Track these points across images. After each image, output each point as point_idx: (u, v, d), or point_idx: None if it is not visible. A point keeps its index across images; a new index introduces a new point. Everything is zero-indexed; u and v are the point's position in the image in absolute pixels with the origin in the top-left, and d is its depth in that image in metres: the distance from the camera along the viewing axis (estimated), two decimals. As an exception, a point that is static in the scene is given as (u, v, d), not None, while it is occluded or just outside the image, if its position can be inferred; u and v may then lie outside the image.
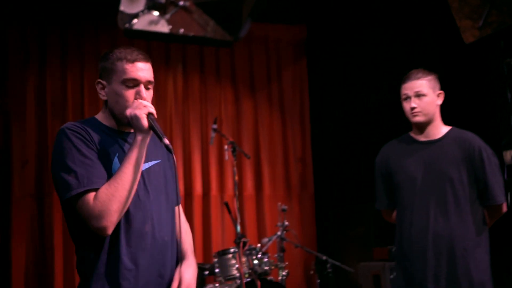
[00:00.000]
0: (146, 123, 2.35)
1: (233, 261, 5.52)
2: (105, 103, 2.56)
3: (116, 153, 2.44)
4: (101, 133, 2.46)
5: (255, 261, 5.48)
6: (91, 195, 2.31)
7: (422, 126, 3.56)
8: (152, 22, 5.31)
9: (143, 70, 2.46)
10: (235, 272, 5.48)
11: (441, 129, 3.56)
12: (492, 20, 4.36)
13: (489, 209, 3.50)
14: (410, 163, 3.54)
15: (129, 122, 2.42)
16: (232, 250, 5.55)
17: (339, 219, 7.23)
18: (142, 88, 2.45)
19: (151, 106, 2.40)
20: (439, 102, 3.57)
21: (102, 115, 2.57)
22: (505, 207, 3.53)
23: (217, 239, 6.86)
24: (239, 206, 5.72)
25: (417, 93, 3.50)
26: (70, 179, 2.32)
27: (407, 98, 3.55)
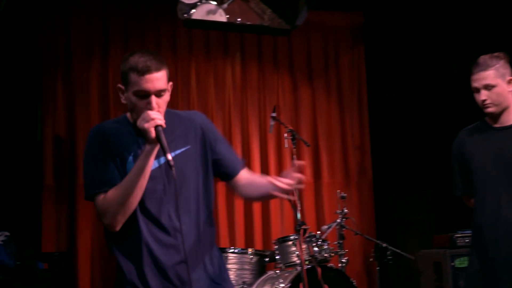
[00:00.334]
0: (153, 135, 2.46)
1: (293, 248, 5.57)
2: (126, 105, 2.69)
3: (132, 152, 2.59)
4: (125, 132, 2.63)
5: (315, 248, 5.51)
6: (101, 196, 2.55)
7: (496, 115, 3.51)
8: (210, 12, 5.40)
9: (153, 81, 2.51)
10: (295, 259, 5.53)
11: None
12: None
13: None
14: (483, 149, 3.50)
15: None
16: (292, 237, 5.59)
17: (399, 206, 7.20)
18: (153, 98, 2.51)
19: (159, 118, 2.48)
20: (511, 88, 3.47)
21: (130, 114, 2.71)
22: None
23: (276, 226, 6.90)
24: (298, 194, 5.75)
25: (486, 85, 3.41)
26: (86, 181, 2.62)
27: (476, 90, 3.48)
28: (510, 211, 3.35)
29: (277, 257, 5.65)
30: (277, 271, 5.55)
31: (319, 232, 5.69)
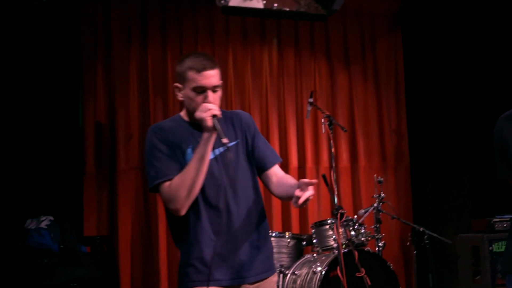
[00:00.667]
0: (210, 123, 2.72)
1: (330, 232, 5.61)
2: (182, 102, 2.93)
3: (190, 144, 2.85)
4: (180, 128, 2.90)
5: (352, 232, 5.55)
6: (166, 184, 2.80)
7: None
8: (247, -2, 5.44)
9: (209, 77, 2.82)
10: (332, 243, 5.57)
11: None
12: None
13: None
14: None
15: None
16: (329, 221, 5.63)
17: (436, 191, 7.18)
18: (209, 93, 2.82)
19: (215, 109, 2.76)
20: None
21: (183, 112, 2.98)
22: None
23: (313, 211, 6.96)
24: (335, 178, 5.79)
25: None
26: (151, 172, 2.84)
27: None
28: None
29: (314, 240, 5.70)
30: (314, 255, 5.60)
31: (356, 216, 5.73)
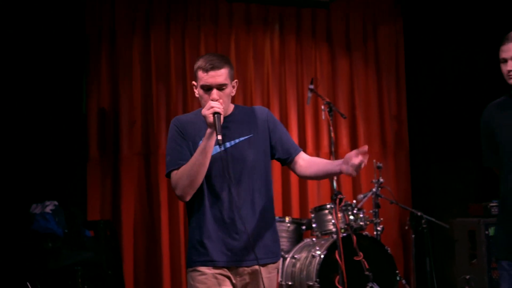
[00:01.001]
0: (211, 120, 2.90)
1: (329, 217, 5.70)
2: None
3: (202, 137, 3.00)
4: (199, 121, 3.06)
5: (351, 217, 5.64)
6: (174, 172, 3.04)
7: None
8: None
9: (215, 76, 3.00)
10: (331, 227, 5.66)
11: None
12: None
13: None
14: (508, 124, 3.54)
15: None
16: (329, 206, 5.72)
17: (435, 176, 7.24)
18: (214, 91, 3.00)
19: (218, 107, 2.92)
20: None
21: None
22: None
23: (313, 195, 7.01)
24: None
25: None
26: (166, 160, 3.09)
27: (504, 61, 3.51)
28: None
29: (313, 225, 5.79)
30: (314, 239, 5.70)
31: (355, 201, 5.81)
